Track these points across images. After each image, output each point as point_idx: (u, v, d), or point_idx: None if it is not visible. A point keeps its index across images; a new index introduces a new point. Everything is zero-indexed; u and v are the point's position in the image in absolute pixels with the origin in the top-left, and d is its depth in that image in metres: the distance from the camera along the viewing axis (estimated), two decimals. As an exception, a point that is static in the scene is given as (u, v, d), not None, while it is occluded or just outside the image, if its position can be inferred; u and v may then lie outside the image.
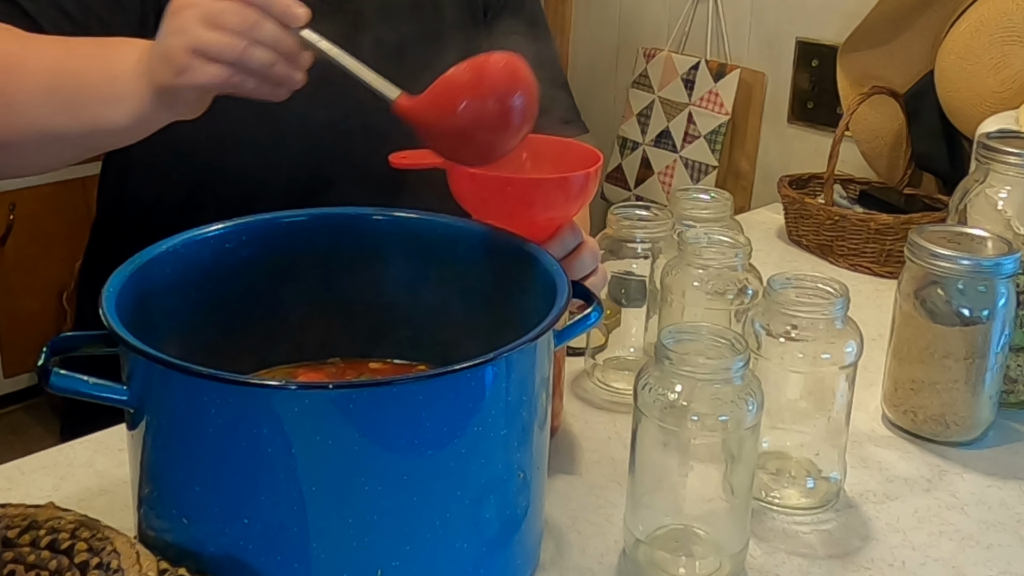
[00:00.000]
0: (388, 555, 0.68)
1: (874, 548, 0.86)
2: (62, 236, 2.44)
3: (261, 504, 0.67)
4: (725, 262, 0.98)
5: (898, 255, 1.36)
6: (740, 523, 0.80)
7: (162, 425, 0.69)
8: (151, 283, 0.78)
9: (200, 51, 0.75)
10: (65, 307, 2.54)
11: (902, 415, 1.02)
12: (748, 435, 0.78)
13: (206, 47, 0.75)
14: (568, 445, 0.98)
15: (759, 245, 1.20)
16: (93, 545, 0.68)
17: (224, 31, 0.75)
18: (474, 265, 0.86)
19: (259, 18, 0.76)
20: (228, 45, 0.75)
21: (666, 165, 2.16)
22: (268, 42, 0.77)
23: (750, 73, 2.03)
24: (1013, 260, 0.95)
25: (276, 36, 0.77)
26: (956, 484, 0.95)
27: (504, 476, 0.72)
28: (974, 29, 1.45)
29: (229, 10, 0.75)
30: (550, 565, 0.81)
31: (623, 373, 1.08)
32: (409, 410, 0.66)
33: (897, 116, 1.61)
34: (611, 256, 1.06)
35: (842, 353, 0.87)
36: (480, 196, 0.88)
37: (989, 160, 1.04)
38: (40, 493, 0.87)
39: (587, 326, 0.78)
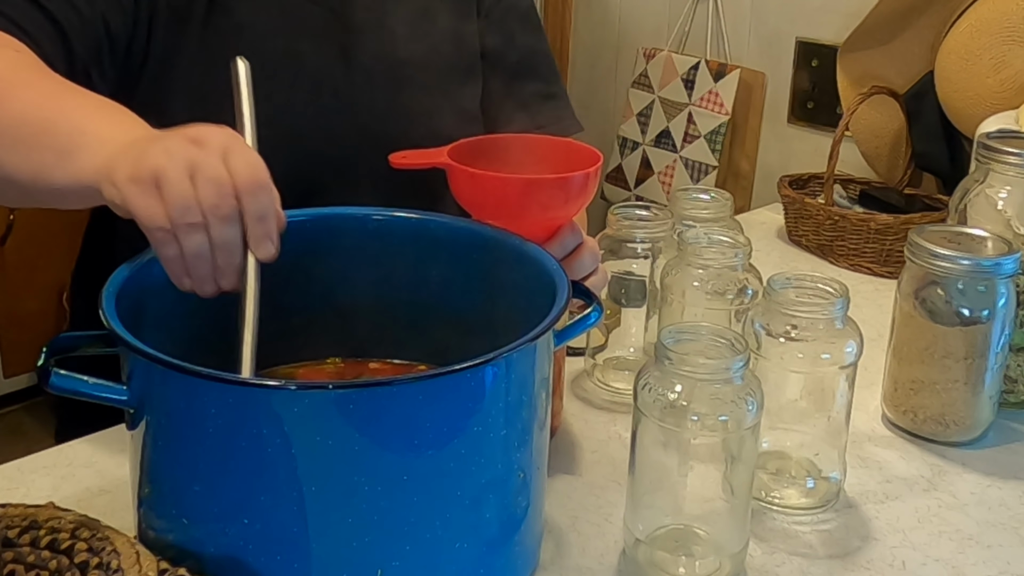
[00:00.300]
0: (388, 555, 0.68)
1: (874, 548, 0.86)
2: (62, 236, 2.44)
3: (261, 504, 0.67)
4: (725, 262, 0.98)
5: (898, 255, 1.36)
6: (740, 523, 0.80)
7: (162, 425, 0.69)
8: (151, 283, 0.77)
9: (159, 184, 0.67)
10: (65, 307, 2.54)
11: (902, 415, 1.02)
12: (748, 435, 0.78)
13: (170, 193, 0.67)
14: (568, 445, 0.98)
15: (759, 245, 1.20)
16: (93, 545, 0.68)
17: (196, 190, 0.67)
18: (474, 265, 0.86)
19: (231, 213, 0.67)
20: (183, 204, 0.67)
21: (666, 165, 2.16)
22: (217, 239, 0.68)
23: (750, 73, 2.03)
24: (1013, 260, 0.95)
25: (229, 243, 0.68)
26: (956, 484, 0.95)
27: (504, 476, 0.72)
28: (974, 29, 1.45)
29: (213, 183, 0.67)
30: (550, 565, 0.81)
31: (623, 373, 1.08)
32: (409, 410, 0.66)
33: (897, 116, 1.61)
34: (611, 256, 1.06)
35: (842, 353, 0.87)
36: (480, 196, 0.88)
37: (989, 160, 1.04)
38: (40, 493, 0.87)
39: (587, 326, 0.78)
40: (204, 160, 0.67)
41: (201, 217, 0.67)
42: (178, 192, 0.67)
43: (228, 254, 0.69)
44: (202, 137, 0.69)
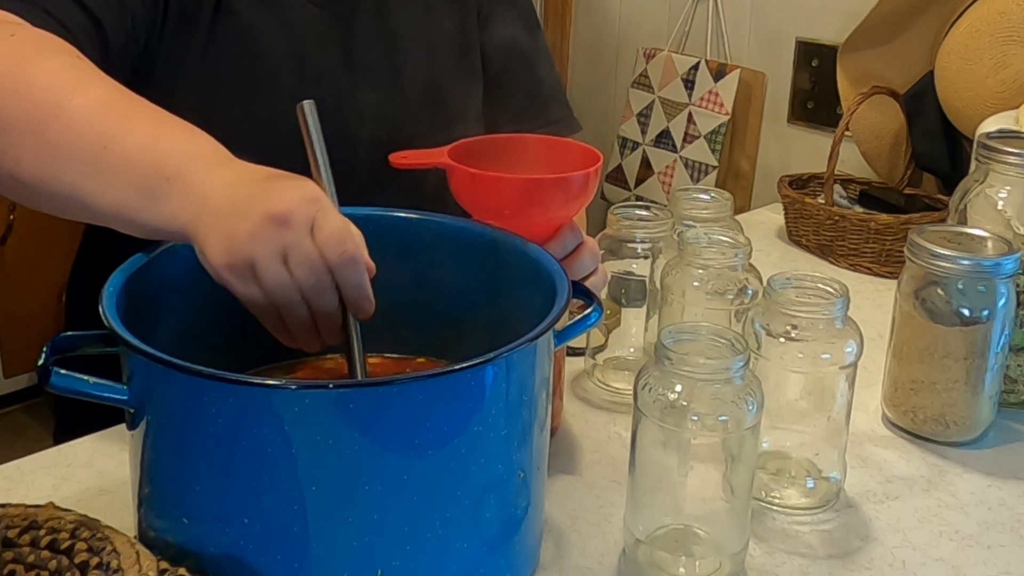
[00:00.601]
0: (388, 555, 0.68)
1: (874, 548, 0.86)
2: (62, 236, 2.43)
3: (261, 504, 0.67)
4: (725, 262, 0.98)
5: (898, 255, 1.36)
6: (740, 523, 0.80)
7: (162, 425, 0.69)
8: (151, 283, 0.77)
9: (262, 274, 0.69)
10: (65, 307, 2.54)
11: (902, 415, 1.02)
12: (748, 435, 0.78)
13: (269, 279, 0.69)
14: (568, 445, 0.98)
15: (759, 245, 1.20)
16: (93, 545, 0.68)
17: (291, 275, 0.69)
18: (474, 265, 0.86)
19: (326, 291, 0.70)
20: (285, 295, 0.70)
21: (666, 165, 2.16)
22: (318, 310, 0.71)
23: (750, 73, 2.03)
24: (1013, 260, 0.95)
25: (328, 312, 0.72)
26: (956, 484, 0.95)
27: (504, 476, 0.72)
28: (974, 29, 1.45)
29: (309, 264, 0.69)
30: (550, 565, 0.81)
31: (623, 373, 1.08)
32: (409, 410, 0.66)
33: (897, 116, 1.61)
34: (611, 256, 1.06)
35: (842, 353, 0.87)
36: (480, 196, 0.88)
37: (989, 160, 1.04)
38: (40, 493, 0.87)
39: (587, 326, 0.78)
40: (294, 242, 0.68)
41: (300, 296, 0.70)
42: (275, 280, 0.69)
43: (328, 319, 0.73)
44: (287, 215, 0.68)
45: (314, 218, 0.69)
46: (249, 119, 1.02)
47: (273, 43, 1.04)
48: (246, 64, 1.03)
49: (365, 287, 0.71)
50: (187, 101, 0.99)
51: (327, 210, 0.70)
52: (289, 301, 0.70)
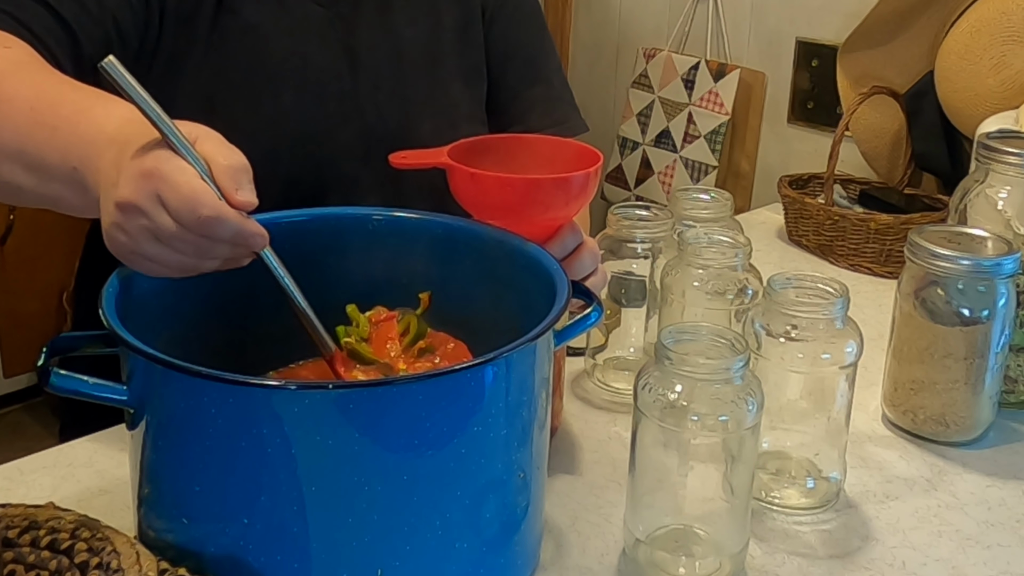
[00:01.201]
0: (388, 555, 0.68)
1: (874, 548, 0.86)
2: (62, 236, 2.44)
3: (261, 504, 0.67)
4: (725, 262, 0.98)
5: (898, 255, 1.36)
6: (740, 523, 0.80)
7: (162, 425, 0.69)
8: (151, 283, 0.77)
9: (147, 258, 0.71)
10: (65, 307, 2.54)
11: (902, 415, 1.02)
12: (748, 435, 0.78)
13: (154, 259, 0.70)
14: (568, 445, 0.98)
15: (759, 245, 1.20)
16: (93, 545, 0.68)
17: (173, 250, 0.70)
18: (474, 265, 0.86)
19: (212, 246, 0.70)
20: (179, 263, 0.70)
21: (666, 165, 2.16)
22: (219, 258, 0.72)
23: (750, 73, 2.03)
24: (1013, 260, 0.95)
25: (229, 254, 0.72)
26: (956, 484, 0.95)
27: (504, 476, 0.72)
28: (974, 29, 1.45)
29: (178, 237, 0.68)
30: (550, 565, 0.81)
31: (623, 373, 1.08)
32: (409, 410, 0.66)
33: (897, 116, 1.61)
34: (611, 256, 1.06)
35: (842, 353, 0.87)
36: (480, 196, 0.88)
37: (989, 160, 1.04)
38: (40, 493, 0.87)
39: (587, 326, 0.78)
40: (152, 225, 0.68)
41: (195, 259, 0.71)
42: (162, 257, 0.70)
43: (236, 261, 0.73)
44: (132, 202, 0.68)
45: (157, 193, 0.68)
46: (252, 118, 1.02)
47: (275, 42, 1.04)
48: (248, 63, 1.02)
49: (241, 232, 0.70)
50: (189, 100, 0.99)
51: (167, 176, 0.68)
52: (188, 266, 0.71)
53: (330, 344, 0.79)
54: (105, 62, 0.68)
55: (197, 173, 0.68)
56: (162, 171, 0.68)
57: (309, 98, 1.06)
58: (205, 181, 0.68)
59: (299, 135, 1.05)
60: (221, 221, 0.68)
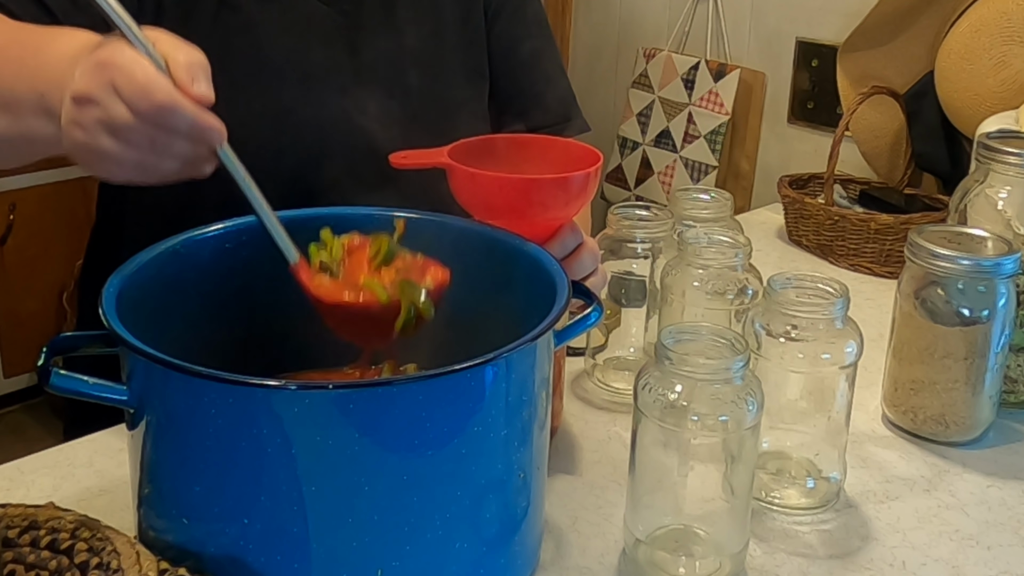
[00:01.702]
0: (388, 555, 0.68)
1: (874, 548, 0.86)
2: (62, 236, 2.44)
3: (261, 504, 0.67)
4: (725, 262, 0.98)
5: (898, 255, 1.36)
6: (740, 523, 0.80)
7: (162, 425, 0.69)
8: (151, 283, 0.77)
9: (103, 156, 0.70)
10: (65, 307, 2.54)
11: (902, 415, 1.02)
12: (748, 435, 0.78)
13: (110, 156, 0.69)
14: (568, 445, 0.98)
15: (759, 245, 1.20)
16: (93, 545, 0.68)
17: (129, 144, 0.69)
18: (474, 265, 0.86)
19: (169, 140, 0.69)
20: (135, 159, 0.70)
21: (666, 165, 2.16)
22: (178, 156, 0.71)
23: (750, 73, 2.03)
24: (1013, 260, 0.95)
25: (188, 151, 0.71)
26: (956, 484, 0.95)
27: (504, 476, 0.72)
28: (974, 29, 1.45)
29: (134, 129, 0.68)
30: (550, 565, 0.81)
31: (623, 373, 1.08)
32: (409, 410, 0.66)
33: (897, 116, 1.61)
34: (611, 256, 1.06)
35: (842, 353, 0.87)
36: (480, 196, 0.88)
37: (989, 160, 1.04)
38: (40, 493, 0.87)
39: (587, 326, 0.78)
40: (105, 116, 0.68)
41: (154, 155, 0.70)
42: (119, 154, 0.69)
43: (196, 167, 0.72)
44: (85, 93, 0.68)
45: (112, 82, 0.67)
46: (254, 115, 1.02)
47: (277, 39, 1.04)
48: (250, 60, 1.02)
49: (196, 123, 0.69)
50: None
51: (122, 65, 0.67)
52: (147, 165, 0.70)
53: (294, 252, 0.78)
54: None
55: (152, 64, 0.68)
56: (116, 61, 0.68)
57: (311, 96, 1.06)
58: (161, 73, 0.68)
59: (300, 133, 1.05)
60: (176, 109, 0.68)
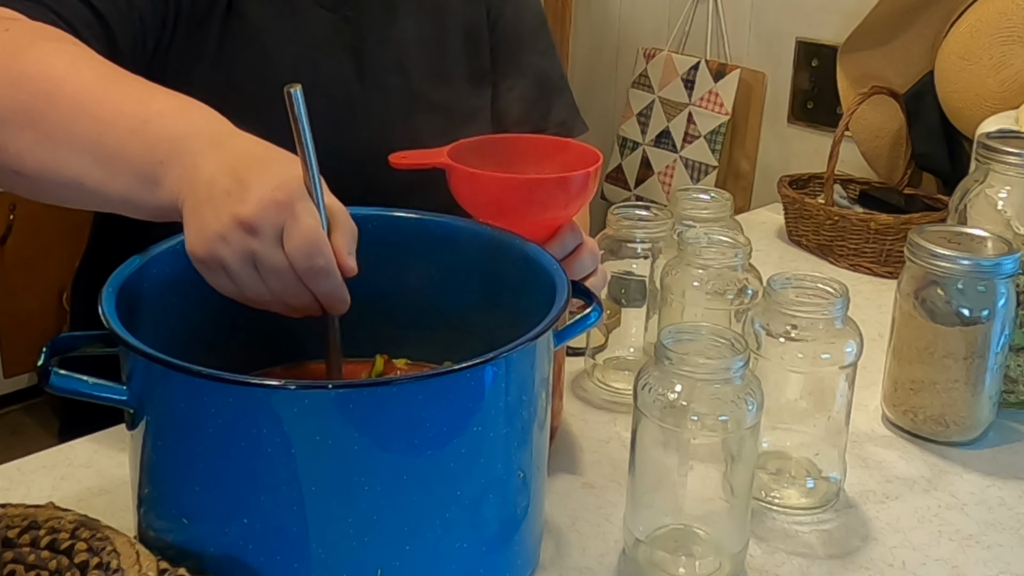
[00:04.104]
0: (388, 555, 0.68)
1: (874, 548, 0.86)
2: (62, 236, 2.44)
3: (261, 504, 0.67)
4: (725, 262, 0.98)
5: (898, 255, 1.36)
6: (740, 523, 0.80)
7: (162, 425, 0.69)
8: (151, 283, 0.77)
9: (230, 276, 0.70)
10: (65, 307, 2.54)
11: (902, 415, 1.02)
12: (748, 435, 0.78)
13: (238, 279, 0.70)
14: (568, 445, 0.98)
15: (759, 245, 1.20)
16: (93, 545, 0.68)
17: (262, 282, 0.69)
18: (474, 265, 0.86)
19: (299, 292, 0.70)
20: (257, 294, 0.70)
21: (666, 165, 2.16)
22: (297, 308, 0.72)
23: (750, 73, 2.03)
24: (1013, 260, 0.95)
25: (305, 306, 0.72)
26: (956, 484, 0.95)
27: (504, 476, 0.72)
28: (974, 29, 1.45)
29: (279, 274, 0.69)
30: (550, 565, 0.81)
31: (623, 373, 1.08)
32: (409, 410, 0.66)
33: (897, 116, 1.61)
34: (611, 256, 1.06)
35: (842, 353, 0.87)
36: (480, 196, 0.88)
37: (989, 160, 1.04)
38: (40, 493, 0.87)
39: (587, 326, 0.78)
40: (261, 251, 0.68)
41: (271, 296, 0.71)
42: (245, 282, 0.70)
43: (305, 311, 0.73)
44: (255, 222, 0.67)
45: (283, 226, 0.68)
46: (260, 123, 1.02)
47: (283, 48, 1.03)
48: (256, 69, 1.02)
49: (336, 294, 0.71)
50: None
51: (298, 215, 0.68)
52: (262, 299, 0.71)
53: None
54: (294, 89, 0.70)
55: (322, 223, 0.69)
56: (295, 208, 0.68)
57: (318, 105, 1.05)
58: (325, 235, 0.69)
59: None
60: (328, 275, 0.69)
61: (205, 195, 0.69)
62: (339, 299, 0.72)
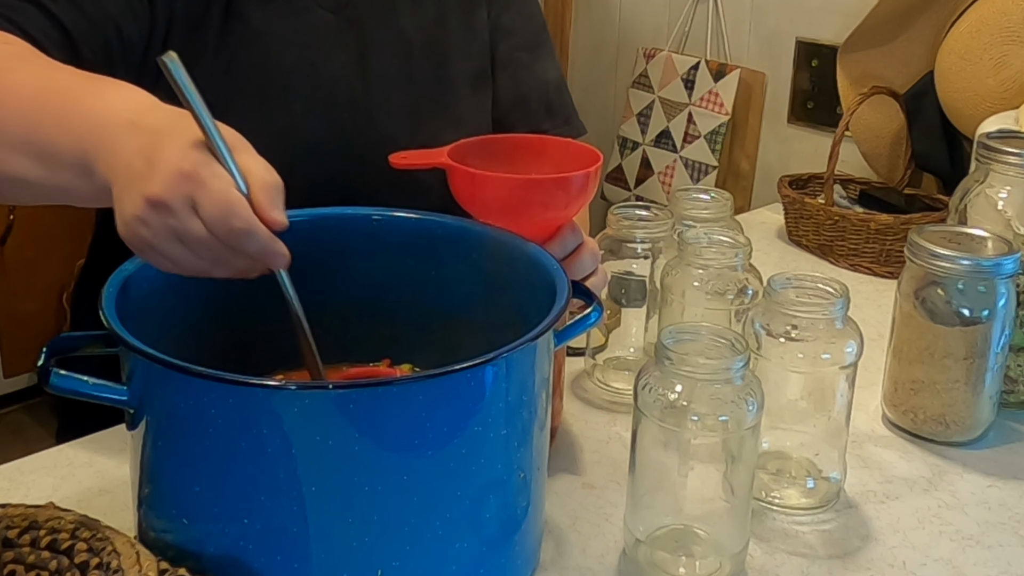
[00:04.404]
0: (388, 555, 0.68)
1: (874, 548, 0.86)
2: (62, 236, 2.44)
3: (261, 504, 0.67)
4: (725, 262, 0.98)
5: (898, 255, 1.36)
6: (740, 523, 0.80)
7: (162, 425, 0.69)
8: (151, 283, 0.77)
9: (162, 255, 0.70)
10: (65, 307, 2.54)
11: (902, 415, 1.02)
12: (748, 435, 0.78)
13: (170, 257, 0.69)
14: (568, 445, 0.98)
15: (759, 245, 1.20)
16: (93, 545, 0.68)
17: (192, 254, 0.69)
18: (474, 265, 0.86)
19: (234, 257, 0.69)
20: (194, 267, 0.70)
21: (666, 165, 2.16)
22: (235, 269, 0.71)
23: (750, 73, 2.03)
24: (1013, 260, 0.95)
25: (247, 267, 0.71)
26: (956, 484, 0.95)
27: (504, 476, 0.72)
28: (974, 29, 1.45)
29: (203, 243, 0.68)
30: (550, 565, 0.81)
31: (623, 373, 1.08)
32: (409, 410, 0.66)
33: (897, 116, 1.61)
34: (611, 256, 1.06)
35: (842, 353, 0.87)
36: (480, 196, 0.88)
37: (989, 160, 1.04)
38: (40, 493, 0.87)
39: (587, 326, 0.78)
40: (180, 227, 0.68)
41: (208, 264, 0.70)
42: (178, 258, 0.69)
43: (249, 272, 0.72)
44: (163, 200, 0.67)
45: (192, 197, 0.67)
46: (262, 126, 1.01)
47: (284, 49, 1.03)
48: (257, 70, 1.02)
49: (267, 250, 0.70)
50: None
51: (205, 181, 0.67)
52: (201, 270, 0.70)
53: (323, 372, 0.78)
54: (168, 58, 0.68)
55: (233, 183, 0.67)
56: (201, 175, 0.67)
57: (320, 107, 1.05)
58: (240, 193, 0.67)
59: (310, 144, 1.04)
60: (251, 235, 0.68)
61: (124, 180, 0.69)
62: (272, 254, 0.70)
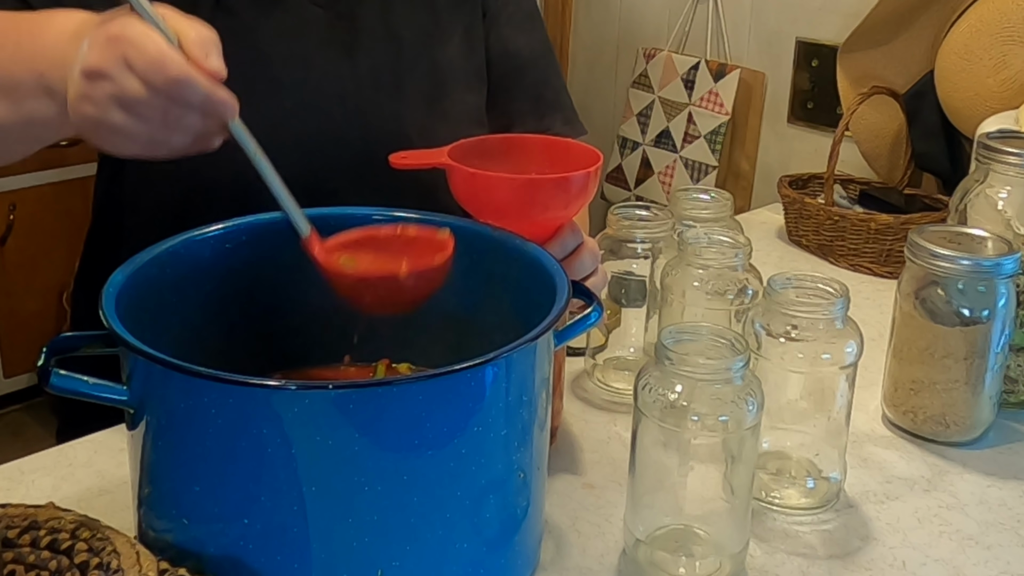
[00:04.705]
0: (388, 555, 0.68)
1: (874, 548, 0.86)
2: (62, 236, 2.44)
3: (261, 504, 0.67)
4: (725, 262, 0.98)
5: (898, 255, 1.36)
6: (740, 523, 0.80)
7: (162, 425, 0.69)
8: (151, 283, 0.78)
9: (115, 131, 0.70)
10: (65, 307, 2.54)
11: (902, 415, 1.02)
12: (748, 435, 0.78)
13: (122, 130, 0.70)
14: (568, 445, 0.98)
15: (759, 245, 1.20)
16: (93, 545, 0.68)
17: (141, 119, 0.69)
18: (474, 265, 0.86)
19: (182, 113, 0.70)
20: (145, 134, 0.70)
21: (666, 165, 2.16)
22: (189, 131, 0.71)
23: (750, 73, 2.03)
24: (1013, 260, 0.95)
25: (199, 125, 0.71)
26: (956, 484, 0.95)
27: (504, 476, 0.72)
28: (974, 29, 1.45)
29: (147, 103, 0.68)
30: (550, 565, 0.81)
31: (623, 373, 1.08)
32: (409, 410, 0.66)
33: (897, 116, 1.61)
34: (611, 256, 1.06)
35: (842, 353, 0.87)
36: (480, 196, 0.88)
37: (989, 160, 1.04)
38: (40, 493, 0.87)
39: (587, 326, 0.78)
40: (118, 90, 0.68)
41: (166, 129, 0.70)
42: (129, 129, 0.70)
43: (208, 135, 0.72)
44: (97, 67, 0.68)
45: (124, 56, 0.67)
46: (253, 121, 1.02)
47: (275, 45, 1.03)
48: (248, 66, 1.02)
49: (210, 97, 0.70)
50: None
51: (133, 39, 0.67)
52: (157, 139, 0.70)
53: (306, 225, 0.79)
54: None
55: (165, 38, 0.68)
56: (128, 35, 0.68)
57: (310, 102, 1.05)
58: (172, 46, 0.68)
59: (301, 140, 1.04)
60: (190, 83, 0.68)
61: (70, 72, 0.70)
62: (217, 101, 0.70)
